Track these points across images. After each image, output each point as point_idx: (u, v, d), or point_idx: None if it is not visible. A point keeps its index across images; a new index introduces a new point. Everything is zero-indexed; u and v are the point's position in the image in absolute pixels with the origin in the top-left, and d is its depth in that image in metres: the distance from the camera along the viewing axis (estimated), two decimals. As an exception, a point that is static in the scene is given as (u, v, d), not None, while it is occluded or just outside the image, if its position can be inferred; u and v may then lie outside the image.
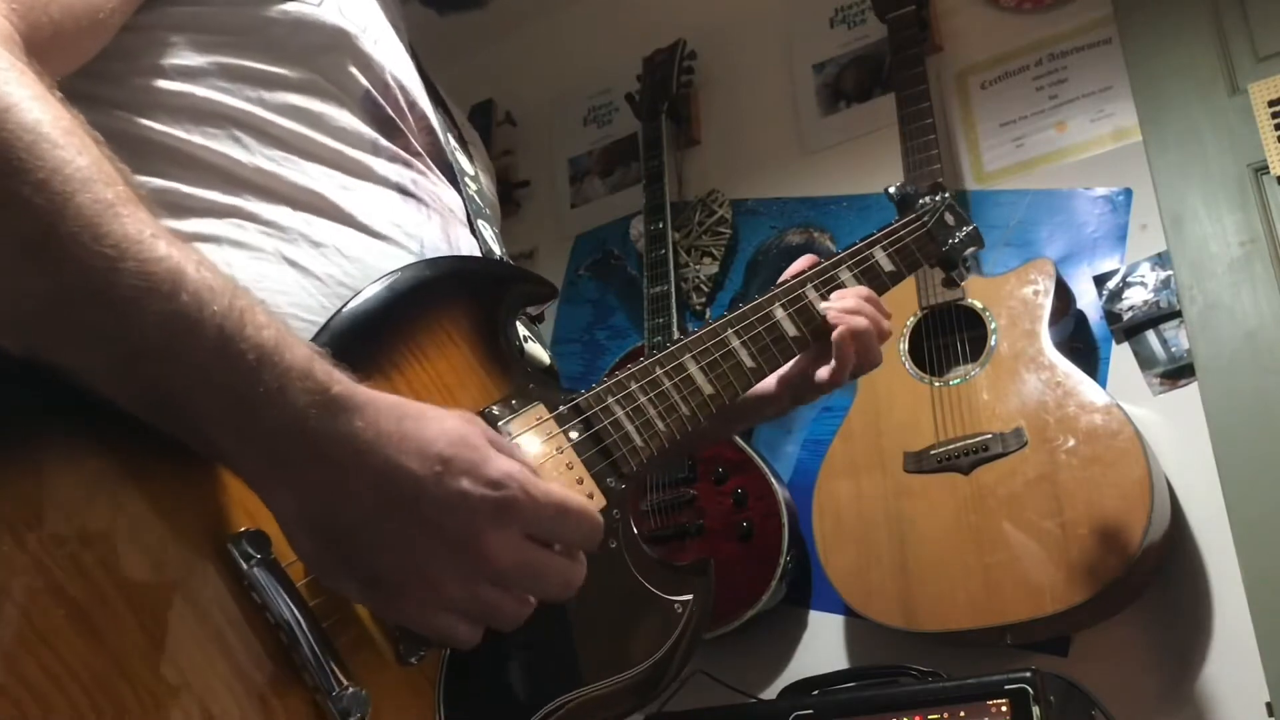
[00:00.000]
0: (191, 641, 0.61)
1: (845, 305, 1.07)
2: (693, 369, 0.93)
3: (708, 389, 0.94)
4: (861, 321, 1.07)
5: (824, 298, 1.07)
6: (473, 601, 0.65)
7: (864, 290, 1.10)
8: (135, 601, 0.59)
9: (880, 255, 1.14)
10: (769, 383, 1.13)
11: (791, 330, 1.03)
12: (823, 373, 1.10)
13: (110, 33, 0.76)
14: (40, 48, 0.67)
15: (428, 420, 0.65)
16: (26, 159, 0.58)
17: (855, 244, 1.14)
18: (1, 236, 0.58)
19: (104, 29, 0.75)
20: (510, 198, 2.77)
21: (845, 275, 1.10)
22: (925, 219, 1.20)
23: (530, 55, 2.86)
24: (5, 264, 0.58)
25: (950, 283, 1.29)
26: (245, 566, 0.63)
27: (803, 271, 1.09)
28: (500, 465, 0.66)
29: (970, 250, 1.24)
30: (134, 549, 0.60)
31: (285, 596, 0.64)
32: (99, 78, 0.77)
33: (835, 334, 1.06)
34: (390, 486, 0.62)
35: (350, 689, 0.64)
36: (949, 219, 1.22)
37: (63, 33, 0.70)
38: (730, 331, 0.98)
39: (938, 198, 1.23)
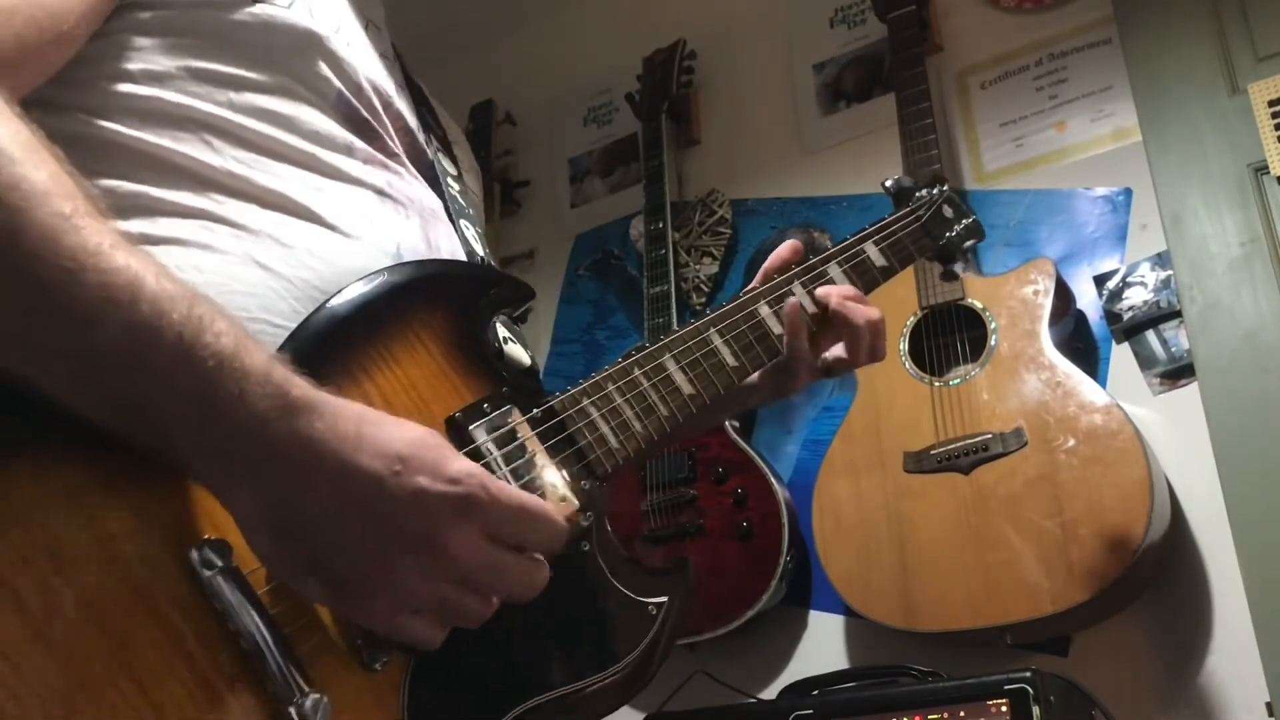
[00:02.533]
0: (153, 652, 0.61)
1: (847, 293, 1.05)
2: (672, 369, 0.92)
3: (687, 389, 0.92)
4: (873, 312, 1.04)
5: (811, 295, 1.04)
6: (434, 600, 0.65)
7: (849, 289, 1.07)
8: (96, 612, 0.60)
9: (871, 250, 1.11)
10: (752, 378, 1.10)
11: (777, 328, 1.01)
12: (835, 351, 1.06)
13: (77, 44, 0.76)
14: (4, 62, 0.68)
15: (386, 424, 0.66)
16: None
17: (846, 239, 1.12)
18: None
19: (70, 40, 0.75)
20: (510, 198, 2.77)
21: (835, 271, 1.07)
22: (920, 213, 1.17)
23: (530, 55, 2.86)
24: None
25: (949, 275, 1.25)
26: (206, 574, 0.63)
27: (786, 261, 1.07)
28: (459, 464, 0.66)
29: (970, 243, 1.21)
30: (96, 560, 0.61)
31: (247, 604, 0.64)
32: (66, 84, 0.77)
33: (854, 315, 1.02)
34: (348, 485, 0.63)
35: (312, 696, 0.64)
36: (947, 211, 1.19)
37: (27, 46, 0.71)
38: (713, 330, 0.97)
39: (934, 190, 1.20)
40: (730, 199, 2.44)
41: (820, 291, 1.04)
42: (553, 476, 0.81)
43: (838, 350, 1.06)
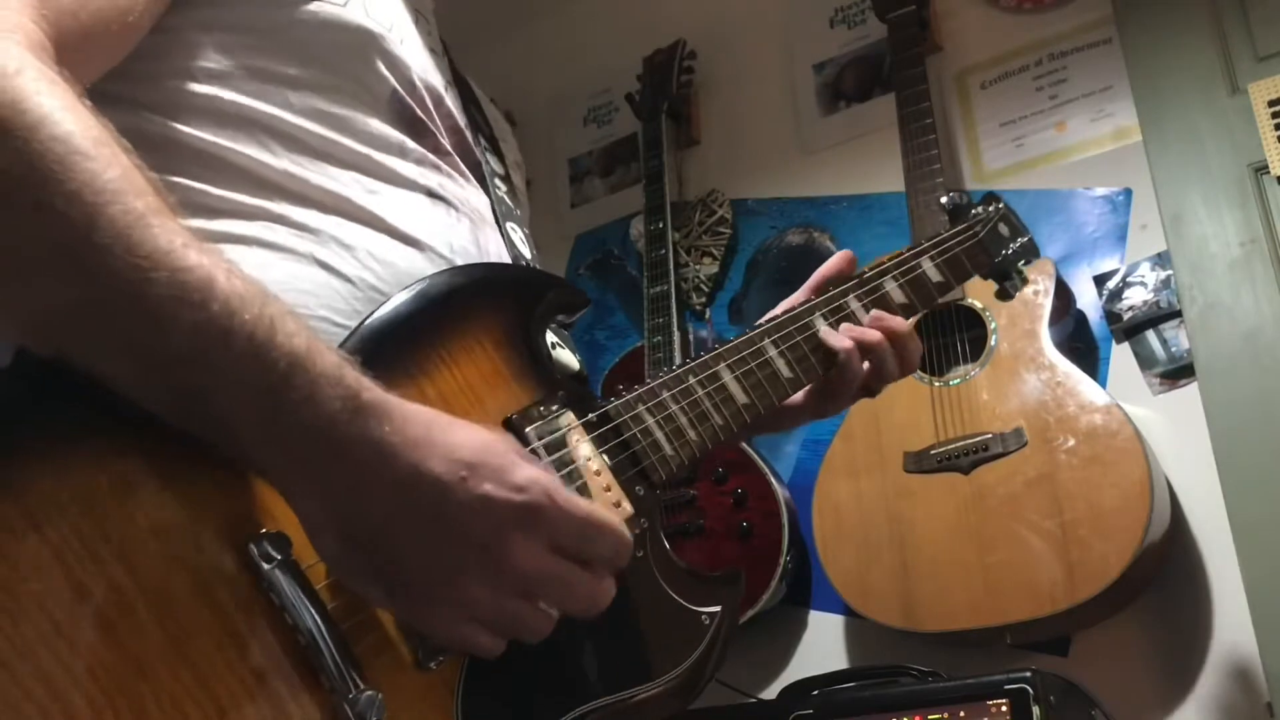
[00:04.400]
0: (210, 643, 0.61)
1: (892, 317, 1.02)
2: (727, 378, 0.91)
3: (742, 398, 0.92)
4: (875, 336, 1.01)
5: (867, 310, 1.02)
6: (496, 610, 0.65)
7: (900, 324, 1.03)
8: (156, 602, 0.60)
9: (928, 265, 1.08)
10: (797, 396, 1.08)
11: (833, 342, 0.98)
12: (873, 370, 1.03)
13: (139, 35, 0.76)
14: (70, 53, 0.67)
15: (455, 429, 0.66)
16: (59, 170, 0.59)
17: (901, 252, 1.09)
18: (35, 247, 0.59)
19: (133, 31, 0.75)
20: (510, 198, 2.77)
21: (890, 285, 1.04)
22: (977, 229, 1.15)
23: (530, 55, 2.86)
24: (38, 273, 0.59)
25: (1004, 294, 1.23)
26: (265, 567, 0.63)
27: (839, 272, 1.04)
28: (526, 472, 0.66)
29: (1025, 261, 1.18)
30: (156, 550, 0.61)
31: (304, 598, 0.64)
32: (129, 79, 0.77)
33: (900, 328, 1.00)
34: (415, 490, 0.63)
35: (366, 692, 0.63)
36: (1003, 230, 1.17)
37: (92, 37, 0.71)
38: (767, 341, 0.96)
39: (991, 208, 1.18)
40: (730, 199, 2.44)
41: (875, 314, 1.02)
42: (607, 481, 0.80)
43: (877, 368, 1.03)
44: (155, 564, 0.60)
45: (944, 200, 1.20)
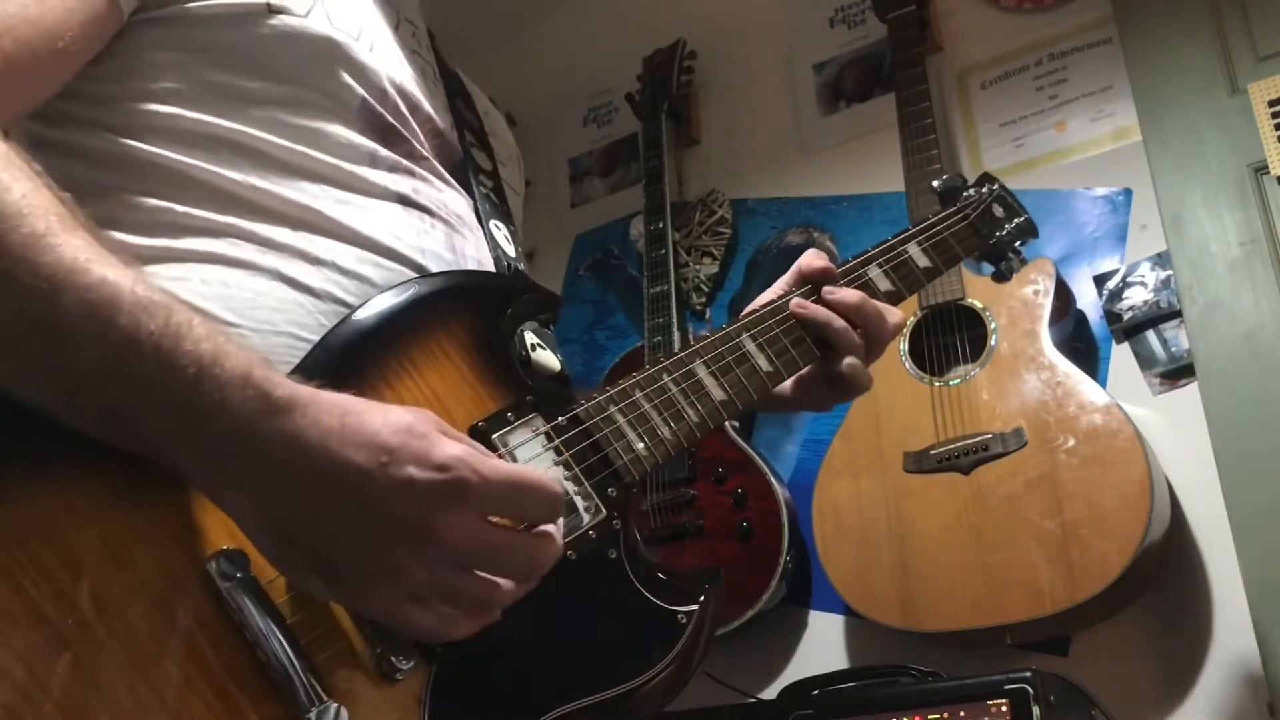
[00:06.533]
0: (171, 662, 0.61)
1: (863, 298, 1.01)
2: (703, 374, 0.91)
3: (719, 394, 0.91)
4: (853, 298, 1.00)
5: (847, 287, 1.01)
6: (438, 588, 0.65)
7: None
8: (114, 623, 0.60)
9: (915, 250, 1.07)
10: (785, 385, 1.06)
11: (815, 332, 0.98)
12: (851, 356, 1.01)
13: (76, 61, 0.75)
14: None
15: (371, 413, 0.65)
16: None
17: (888, 239, 1.08)
18: None
19: (68, 56, 0.74)
20: (510, 198, 2.77)
21: (875, 272, 1.03)
22: (968, 211, 1.14)
23: (530, 55, 2.86)
24: None
25: (1000, 276, 1.22)
26: (224, 585, 0.63)
27: (815, 270, 1.03)
28: (447, 449, 0.65)
29: (1021, 242, 1.17)
30: (114, 571, 0.61)
31: (264, 615, 0.64)
32: (88, 100, 0.77)
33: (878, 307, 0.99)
34: (337, 480, 0.62)
35: (329, 705, 0.64)
36: (998, 210, 1.15)
37: (17, 66, 0.70)
38: (745, 335, 0.95)
39: (984, 189, 1.17)
40: (730, 199, 2.44)
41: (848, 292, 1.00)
42: (578, 484, 0.80)
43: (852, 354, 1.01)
44: (114, 586, 0.60)
45: (936, 184, 1.18)
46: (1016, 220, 1.17)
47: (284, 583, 0.66)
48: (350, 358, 0.75)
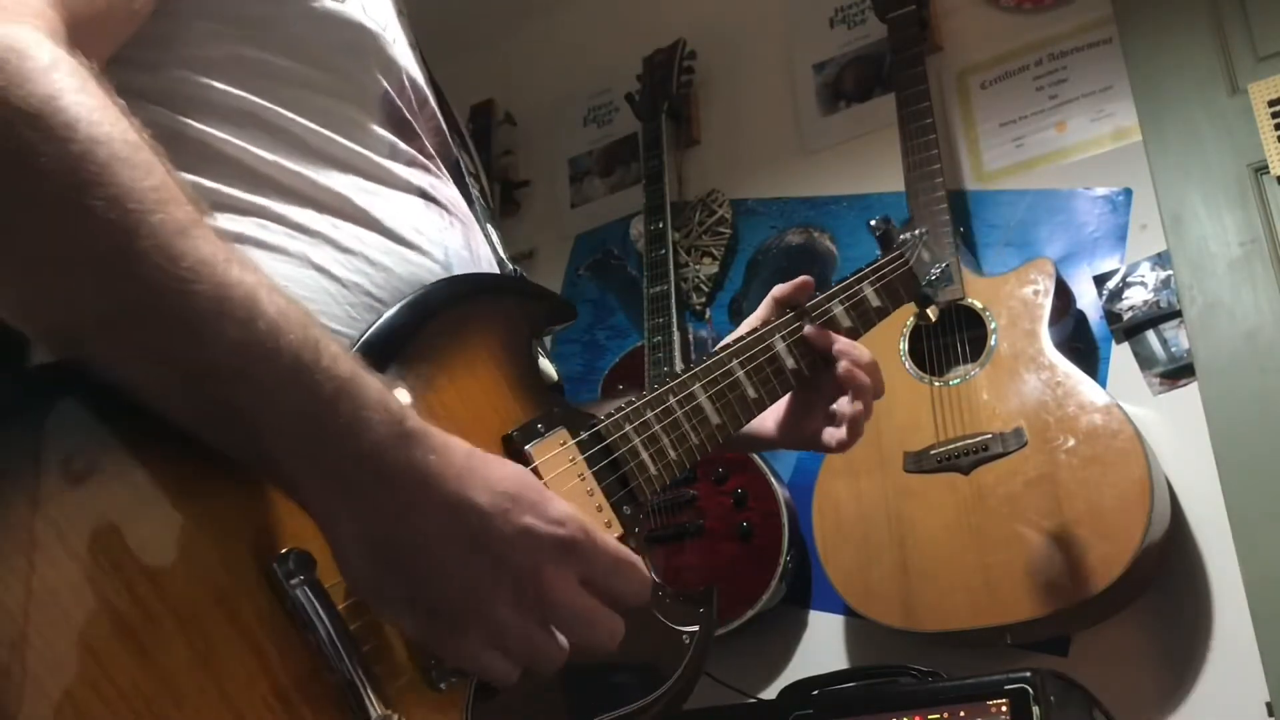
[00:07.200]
0: (235, 661, 0.60)
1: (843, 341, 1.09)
2: (702, 399, 0.94)
3: (715, 419, 0.94)
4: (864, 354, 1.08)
5: (817, 329, 1.08)
6: (520, 639, 0.65)
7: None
8: (181, 618, 0.59)
9: (869, 291, 1.14)
10: (767, 425, 1.13)
11: (790, 363, 1.04)
12: (838, 414, 1.09)
13: (141, 21, 0.74)
14: (79, 33, 0.66)
15: (492, 462, 0.66)
16: (100, 174, 0.57)
17: (846, 278, 1.15)
18: (71, 249, 0.57)
19: (137, 18, 0.74)
20: (510, 198, 2.77)
21: (838, 309, 1.10)
22: (907, 255, 1.21)
23: (530, 55, 2.86)
24: (75, 278, 0.58)
25: (924, 318, 1.36)
26: (288, 586, 0.63)
27: (791, 296, 1.09)
28: (561, 507, 0.67)
29: (941, 288, 1.25)
30: (180, 565, 0.60)
31: (327, 619, 0.63)
32: (136, 66, 0.75)
33: (842, 367, 1.06)
34: (457, 517, 0.63)
35: (388, 714, 0.64)
36: (925, 256, 1.23)
37: (100, 22, 0.69)
38: (735, 362, 0.99)
39: (914, 233, 1.24)
40: (730, 199, 2.44)
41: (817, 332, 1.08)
42: (600, 501, 0.82)
43: (845, 401, 1.09)
44: (180, 581, 0.60)
45: (873, 224, 1.25)
46: (938, 268, 1.24)
47: (345, 588, 0.66)
48: (389, 359, 0.74)
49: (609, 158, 2.68)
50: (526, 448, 0.78)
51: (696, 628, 0.86)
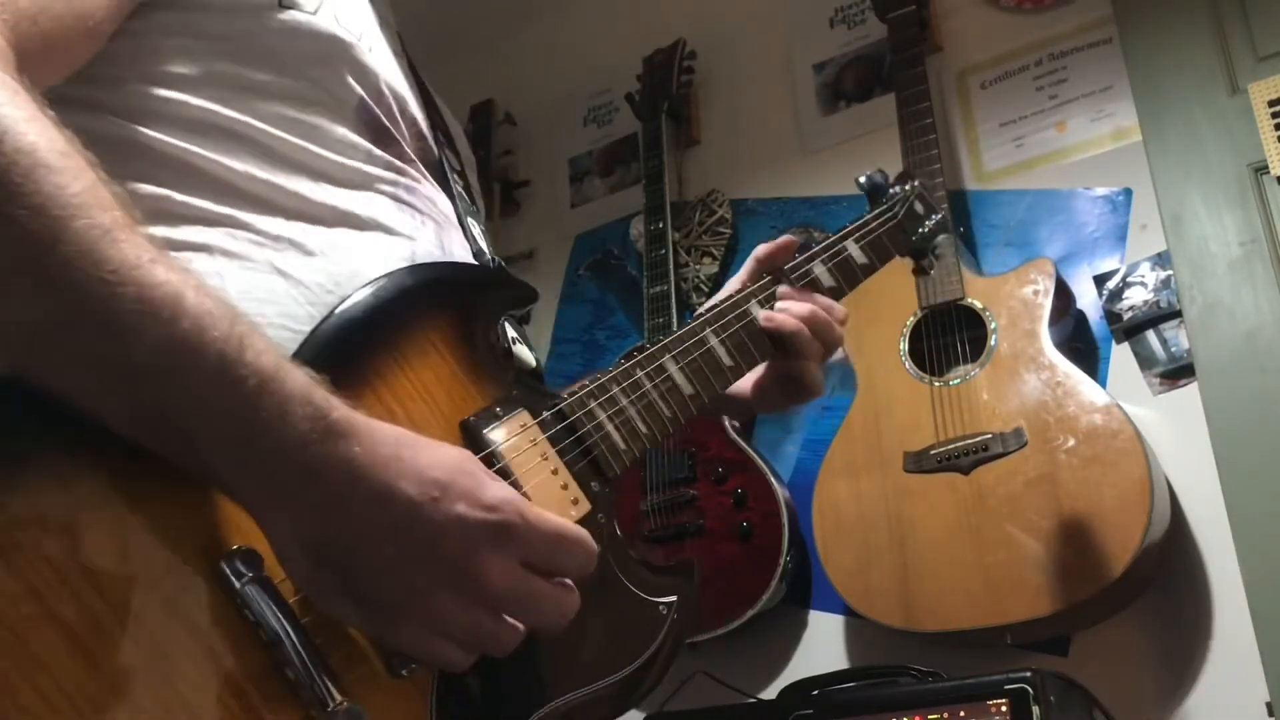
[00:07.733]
0: (186, 661, 0.60)
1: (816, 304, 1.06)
2: (672, 369, 0.93)
3: (688, 389, 0.94)
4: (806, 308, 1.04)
5: (800, 292, 1.05)
6: (467, 627, 0.65)
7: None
8: (128, 623, 0.59)
9: (853, 248, 1.12)
10: (744, 386, 1.11)
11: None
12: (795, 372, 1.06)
13: (100, 40, 0.75)
14: (29, 59, 0.67)
15: (423, 448, 0.66)
16: (23, 183, 0.58)
17: (829, 237, 1.13)
18: None
19: (94, 37, 0.74)
20: (510, 198, 2.77)
21: (820, 269, 1.08)
22: (896, 209, 1.18)
23: (530, 55, 2.86)
24: (1, 287, 0.58)
25: (920, 271, 1.30)
26: (238, 584, 0.63)
27: (776, 256, 1.07)
28: (496, 491, 0.66)
29: (938, 238, 1.23)
30: (126, 570, 0.60)
31: (278, 613, 0.63)
32: (93, 82, 0.77)
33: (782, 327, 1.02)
34: (386, 510, 0.63)
35: (345, 704, 0.64)
36: (918, 208, 1.20)
37: (52, 43, 0.70)
38: (709, 330, 0.98)
39: (906, 186, 1.21)
40: (730, 199, 2.44)
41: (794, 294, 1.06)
42: (565, 479, 0.81)
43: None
44: (127, 585, 0.60)
45: (861, 180, 1.22)
46: (934, 218, 1.22)
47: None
48: (341, 351, 0.75)
49: (609, 158, 2.68)
50: (485, 432, 0.78)
51: (674, 598, 0.85)
